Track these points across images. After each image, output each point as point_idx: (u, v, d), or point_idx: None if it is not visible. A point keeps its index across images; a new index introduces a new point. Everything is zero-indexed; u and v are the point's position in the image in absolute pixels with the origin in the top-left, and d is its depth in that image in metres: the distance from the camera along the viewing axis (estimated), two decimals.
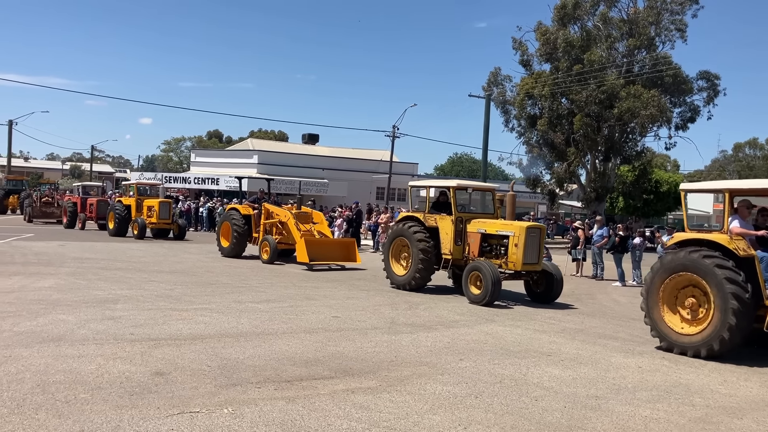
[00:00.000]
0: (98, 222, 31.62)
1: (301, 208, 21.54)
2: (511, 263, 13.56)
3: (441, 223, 14.55)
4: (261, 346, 8.50)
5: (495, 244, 14.09)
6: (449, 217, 14.40)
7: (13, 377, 6.57)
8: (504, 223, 14.30)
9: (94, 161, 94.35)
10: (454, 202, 14.39)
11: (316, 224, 20.35)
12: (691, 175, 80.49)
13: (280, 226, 20.34)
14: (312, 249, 18.34)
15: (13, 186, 47.46)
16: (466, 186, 15.11)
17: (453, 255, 14.31)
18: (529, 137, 41.76)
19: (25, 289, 12.24)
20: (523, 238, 13.34)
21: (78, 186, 35.78)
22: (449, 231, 14.35)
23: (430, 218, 14.78)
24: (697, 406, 6.94)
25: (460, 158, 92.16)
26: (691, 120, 40.22)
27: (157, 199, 28.60)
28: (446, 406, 6.41)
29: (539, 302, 13.94)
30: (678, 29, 39.19)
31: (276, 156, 52.79)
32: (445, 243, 14.46)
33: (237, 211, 21.25)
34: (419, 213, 15.20)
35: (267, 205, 21.05)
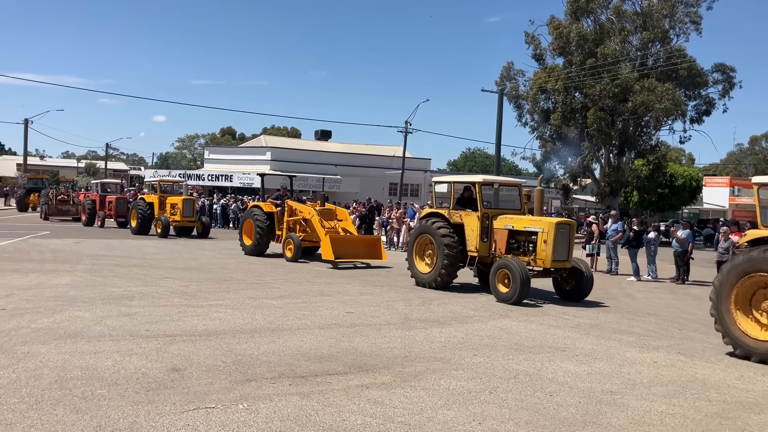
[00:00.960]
0: (117, 219, 31.62)
1: (324, 204, 21.11)
2: (540, 260, 13.20)
3: (466, 219, 14.20)
4: (275, 342, 8.53)
5: (523, 241, 13.73)
6: (475, 213, 14.04)
7: (31, 373, 6.64)
8: (532, 218, 13.94)
9: (109, 159, 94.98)
10: (479, 198, 14.01)
11: (341, 221, 19.91)
12: (706, 168, 79.82)
13: (303, 223, 19.94)
14: (337, 246, 17.96)
15: (33, 185, 48.12)
16: (492, 181, 14.77)
17: (479, 252, 13.95)
18: (543, 132, 41.56)
19: (42, 286, 12.36)
20: (553, 235, 12.97)
21: (97, 183, 35.69)
22: (475, 227, 13.99)
23: (455, 215, 14.42)
24: (714, 401, 6.89)
25: (473, 153, 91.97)
26: (706, 113, 39.87)
27: (180, 197, 28.29)
28: (460, 402, 6.41)
29: (568, 300, 13.56)
30: (693, 22, 38.83)
31: (289, 152, 52.92)
32: (471, 240, 14.08)
33: (260, 208, 20.89)
34: (443, 209, 14.84)
35: (290, 202, 20.64)
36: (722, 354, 9.22)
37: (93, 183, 37.85)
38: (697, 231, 32.59)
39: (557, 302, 13.42)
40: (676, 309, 13.71)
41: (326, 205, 21.03)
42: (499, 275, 13.03)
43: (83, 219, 32.87)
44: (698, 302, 14.78)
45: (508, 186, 15.45)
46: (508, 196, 15.37)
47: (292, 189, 22.78)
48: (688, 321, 12.06)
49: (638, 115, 37.44)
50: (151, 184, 30.53)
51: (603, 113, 37.49)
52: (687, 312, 13.31)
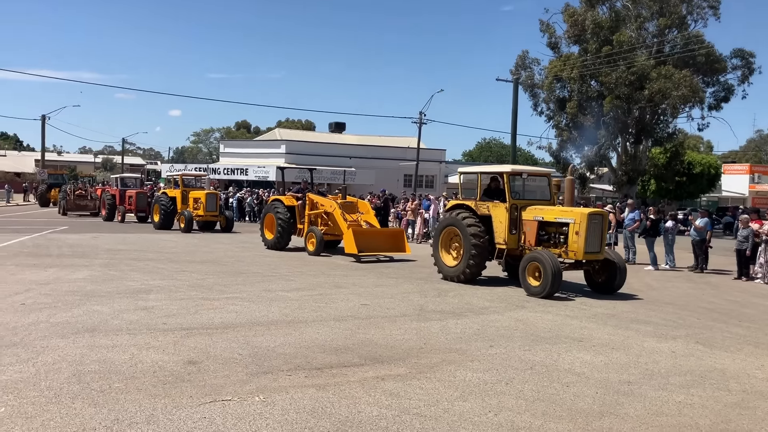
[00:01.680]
0: (137, 214, 31.42)
1: (345, 197, 20.74)
2: (572, 252, 12.79)
3: (494, 211, 13.83)
4: (291, 334, 8.56)
5: (553, 233, 13.33)
6: (503, 204, 13.65)
7: (50, 367, 6.71)
8: (563, 209, 13.53)
9: (125, 154, 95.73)
10: (508, 189, 13.59)
11: (363, 214, 19.59)
12: (725, 156, 78.88)
13: (325, 216, 19.62)
14: (360, 240, 17.70)
15: (54, 180, 48.78)
16: (520, 171, 14.27)
17: (508, 244, 13.57)
18: (559, 120, 41.23)
19: (60, 281, 12.48)
20: (585, 226, 12.55)
21: (116, 178, 35.39)
22: (503, 219, 13.60)
23: (482, 206, 14.01)
24: (733, 391, 6.82)
25: (489, 143, 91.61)
26: (724, 100, 39.37)
27: (203, 191, 27.72)
28: (476, 393, 6.39)
29: (600, 293, 13.15)
30: (711, 6, 38.29)
31: (303, 145, 52.95)
32: (499, 232, 13.72)
33: (281, 202, 20.58)
34: (470, 201, 14.40)
35: (311, 195, 20.29)
36: (742, 343, 9.13)
37: (113, 178, 37.69)
38: (717, 219, 32.23)
39: (589, 295, 13.06)
40: (694, 298, 13.58)
41: (348, 198, 20.70)
42: (530, 268, 12.69)
43: (103, 214, 32.74)
44: (717, 291, 14.63)
45: (536, 176, 14.96)
46: (536, 186, 14.90)
47: (312, 182, 22.46)
48: (706, 310, 11.94)
49: (655, 103, 37.04)
50: (173, 178, 30.01)
51: (619, 101, 37.12)
52: (705, 301, 13.18)
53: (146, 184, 44.06)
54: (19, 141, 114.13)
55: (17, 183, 64.91)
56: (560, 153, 42.51)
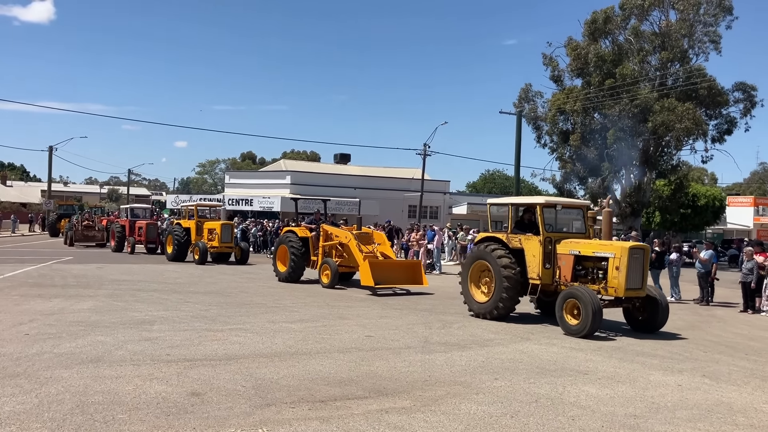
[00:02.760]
0: (147, 246, 30.90)
1: (361, 228, 20.33)
2: (612, 289, 12.08)
3: (527, 244, 13.14)
4: (295, 366, 8.52)
5: (591, 267, 12.67)
6: (536, 237, 12.97)
7: (53, 398, 6.69)
8: (601, 243, 12.86)
9: (131, 185, 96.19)
10: (542, 221, 12.91)
11: (378, 245, 19.07)
12: (729, 188, 78.88)
13: (340, 248, 19.21)
14: (377, 272, 17.15)
15: (64, 211, 49.35)
16: (555, 203, 13.60)
17: (542, 280, 12.87)
18: (562, 153, 41.41)
19: (65, 311, 12.49)
20: (626, 260, 11.86)
21: (126, 208, 34.88)
22: (537, 253, 12.92)
23: (513, 239, 13.35)
24: (740, 425, 6.75)
25: (492, 175, 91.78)
26: (727, 132, 39.53)
27: (218, 222, 27.33)
28: (481, 426, 6.34)
29: (641, 331, 12.50)
30: (712, 41, 38.65)
31: (308, 176, 53.14)
32: (532, 266, 13.02)
33: (294, 233, 20.18)
34: (501, 233, 13.82)
35: (326, 226, 19.90)
36: (749, 377, 9.05)
37: (122, 208, 37.49)
38: (722, 251, 32.16)
39: (629, 333, 12.45)
40: (700, 331, 13.49)
41: (363, 229, 20.30)
42: (567, 305, 11.99)
43: (112, 245, 32.26)
44: (723, 324, 14.55)
45: (571, 208, 14.41)
46: (570, 218, 14.37)
47: (326, 213, 21.98)
48: (712, 343, 11.86)
49: (658, 135, 37.21)
50: (188, 208, 29.28)
51: (623, 134, 37.30)
52: (712, 334, 13.09)
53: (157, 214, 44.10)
54: (26, 171, 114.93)
55: (23, 213, 65.19)
56: (564, 185, 42.60)
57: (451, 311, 14.55)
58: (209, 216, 29.24)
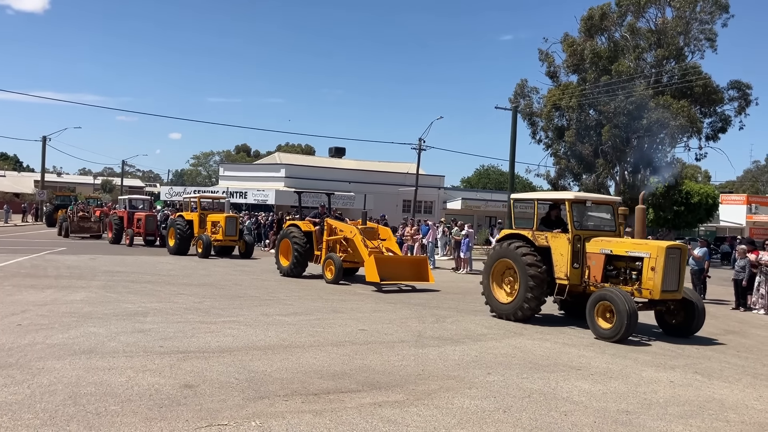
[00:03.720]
0: (146, 238, 30.37)
1: (366, 222, 19.77)
2: (647, 291, 11.38)
3: (554, 242, 12.55)
4: (288, 359, 8.52)
5: (623, 268, 12.01)
6: (564, 235, 12.39)
7: (45, 389, 6.67)
8: (636, 242, 12.12)
9: (125, 176, 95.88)
10: (570, 218, 12.32)
11: (384, 240, 18.68)
12: (723, 186, 79.17)
13: (344, 242, 18.78)
14: (382, 267, 16.79)
15: (61, 201, 49.23)
16: (584, 198, 12.95)
17: (570, 280, 12.26)
18: (557, 149, 41.50)
19: (58, 302, 12.44)
20: (663, 261, 11.19)
21: (125, 199, 34.04)
22: (565, 251, 12.31)
23: (540, 236, 12.73)
24: (732, 422, 6.79)
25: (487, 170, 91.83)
26: (722, 130, 39.67)
27: (222, 214, 26.54)
28: (474, 421, 6.35)
29: (674, 336, 11.91)
30: (708, 39, 38.75)
31: (303, 170, 53.10)
32: (560, 266, 12.40)
33: (297, 227, 19.66)
34: (525, 230, 13.12)
35: (330, 221, 19.41)
36: (740, 374, 9.10)
37: (121, 199, 36.88)
38: (714, 249, 32.29)
39: (662, 338, 11.80)
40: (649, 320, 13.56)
41: (368, 224, 19.76)
42: (599, 308, 11.32)
43: (109, 236, 31.55)
44: (715, 321, 14.60)
45: (601, 204, 13.61)
46: (598, 215, 13.58)
47: (330, 207, 21.44)
48: (705, 340, 11.91)
49: (653, 133, 37.29)
50: (191, 201, 28.57)
51: (617, 130, 37.40)
52: (704, 331, 13.10)
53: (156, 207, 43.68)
54: (19, 162, 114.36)
55: (16, 203, 64.91)
56: (558, 181, 42.69)
57: (444, 306, 14.57)
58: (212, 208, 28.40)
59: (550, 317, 13.58)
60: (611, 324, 11.08)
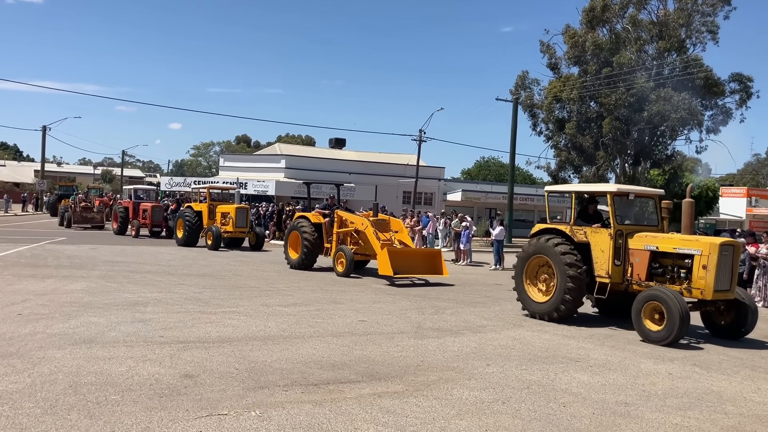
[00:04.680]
0: (152, 229, 29.87)
1: (377, 214, 19.18)
2: (697, 290, 10.67)
3: (594, 237, 11.83)
4: (288, 350, 8.54)
5: (670, 265, 11.25)
6: (605, 230, 11.70)
7: (46, 378, 6.69)
8: (685, 238, 11.28)
9: (125, 166, 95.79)
10: (613, 212, 11.59)
11: (396, 233, 18.21)
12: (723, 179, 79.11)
13: (355, 235, 18.33)
14: (396, 260, 16.32)
15: (64, 191, 49.38)
16: (627, 191, 12.08)
17: (611, 278, 11.54)
18: (557, 141, 41.45)
19: (58, 292, 12.46)
20: (715, 259, 10.48)
21: (129, 189, 33.39)
22: (606, 248, 11.61)
23: (578, 231, 11.99)
24: (730, 414, 6.81)
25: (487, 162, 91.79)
26: (723, 123, 39.60)
27: (233, 205, 25.94)
28: (473, 412, 6.38)
29: (723, 337, 11.24)
30: (709, 31, 38.63)
31: (303, 160, 53.04)
32: (600, 263, 11.69)
33: (306, 219, 19.29)
34: (562, 225, 12.45)
35: (340, 212, 18.95)
36: (739, 366, 9.12)
37: (125, 189, 36.33)
38: None
39: (712, 340, 11.11)
40: (691, 320, 13.52)
41: (379, 215, 19.20)
42: (647, 309, 10.57)
43: (114, 227, 31.00)
44: None
45: (645, 197, 12.75)
46: (640, 209, 12.74)
47: (339, 198, 20.96)
48: (703, 333, 11.92)
49: (654, 125, 37.25)
50: (200, 191, 27.97)
51: (618, 122, 37.36)
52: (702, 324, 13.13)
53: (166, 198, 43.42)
54: (19, 151, 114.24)
55: (16, 193, 64.91)
56: (559, 173, 42.68)
57: (444, 297, 14.59)
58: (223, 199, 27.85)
59: (586, 317, 12.80)
60: (661, 326, 10.35)
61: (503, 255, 23.63)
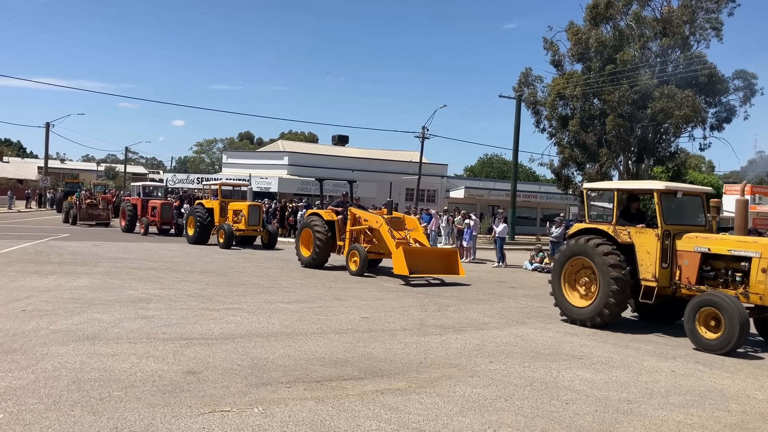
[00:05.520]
0: (161, 227, 29.38)
1: (392, 211, 18.70)
2: (755, 295, 9.95)
3: (639, 238, 11.09)
4: (291, 346, 8.55)
5: (724, 269, 10.53)
6: (652, 230, 10.94)
7: (49, 374, 6.71)
8: (741, 239, 10.59)
9: (128, 163, 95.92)
10: (660, 211, 10.84)
11: (411, 231, 17.85)
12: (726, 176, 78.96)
13: (369, 233, 17.91)
14: (412, 260, 15.94)
15: (70, 188, 49.72)
16: (675, 189, 11.33)
17: (659, 282, 10.82)
18: (561, 138, 41.34)
19: (61, 288, 12.49)
20: None
21: (138, 186, 32.79)
22: (652, 249, 10.87)
23: (622, 232, 11.27)
24: (733, 411, 6.80)
25: (490, 159, 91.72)
26: (726, 120, 39.46)
27: (245, 203, 25.39)
28: (476, 409, 6.38)
29: None
30: (713, 28, 38.47)
31: (306, 157, 53.07)
32: (646, 265, 10.97)
33: (319, 216, 18.90)
34: (604, 225, 11.68)
35: (354, 210, 18.51)
36: (742, 364, 9.11)
37: (133, 185, 35.94)
38: None
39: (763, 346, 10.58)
40: None
41: (394, 213, 18.71)
42: (702, 315, 9.90)
43: (122, 225, 30.43)
44: None
45: (692, 195, 11.90)
46: (687, 207, 12.09)
47: (352, 195, 20.55)
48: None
49: (657, 122, 37.16)
50: (210, 187, 27.19)
51: (622, 120, 37.26)
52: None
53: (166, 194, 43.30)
54: (22, 148, 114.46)
55: (20, 190, 65.07)
56: (562, 170, 42.61)
57: (446, 294, 14.59)
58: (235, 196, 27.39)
59: (628, 322, 12.22)
60: (717, 334, 9.68)
61: (506, 252, 23.65)
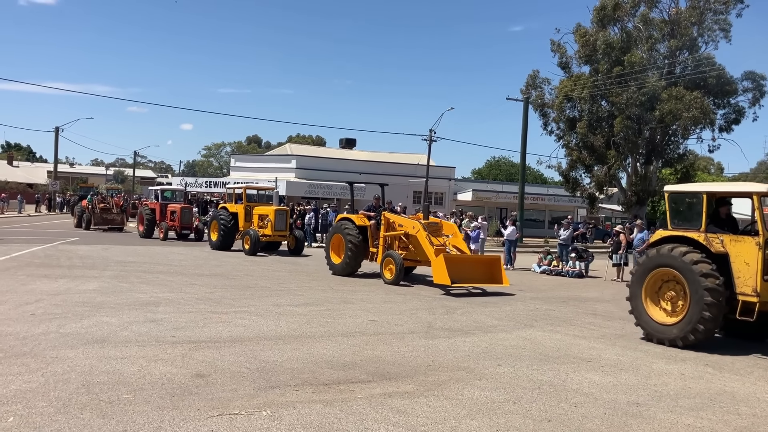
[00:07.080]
0: (181, 231, 28.73)
1: (428, 216, 17.86)
2: None
3: (735, 247, 9.86)
4: (299, 349, 8.56)
5: None
6: (751, 239, 9.71)
7: (59, 377, 6.74)
8: None
9: (137, 167, 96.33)
10: (760, 216, 9.66)
11: (450, 237, 16.94)
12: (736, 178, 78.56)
13: (404, 239, 16.98)
14: (453, 268, 15.03)
15: (84, 192, 50.02)
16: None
17: (761, 297, 9.53)
18: (568, 140, 41.30)
19: (71, 292, 12.55)
20: None
21: (156, 190, 32.16)
22: (752, 260, 9.60)
23: (714, 240, 10.03)
24: (743, 415, 6.76)
25: (498, 162, 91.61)
26: (735, 122, 39.35)
27: (271, 207, 24.68)
28: (484, 412, 6.37)
29: None
30: (722, 29, 38.38)
31: (314, 161, 53.17)
32: (744, 278, 9.70)
33: (351, 221, 17.93)
34: (693, 232, 10.37)
35: (388, 215, 17.64)
36: (752, 366, 9.06)
37: (151, 190, 35.43)
38: None
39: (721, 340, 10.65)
40: None
41: (430, 218, 17.85)
42: None
43: (140, 230, 29.86)
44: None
45: None
46: None
47: (384, 199, 19.45)
48: (716, 333, 11.83)
49: (665, 124, 37.06)
50: (234, 192, 26.36)
51: (630, 122, 37.19)
52: None
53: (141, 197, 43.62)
54: (32, 152, 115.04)
55: (29, 194, 65.49)
56: (570, 172, 42.53)
57: (454, 297, 14.57)
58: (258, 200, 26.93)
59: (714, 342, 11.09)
60: None
61: (515, 255, 23.60)
